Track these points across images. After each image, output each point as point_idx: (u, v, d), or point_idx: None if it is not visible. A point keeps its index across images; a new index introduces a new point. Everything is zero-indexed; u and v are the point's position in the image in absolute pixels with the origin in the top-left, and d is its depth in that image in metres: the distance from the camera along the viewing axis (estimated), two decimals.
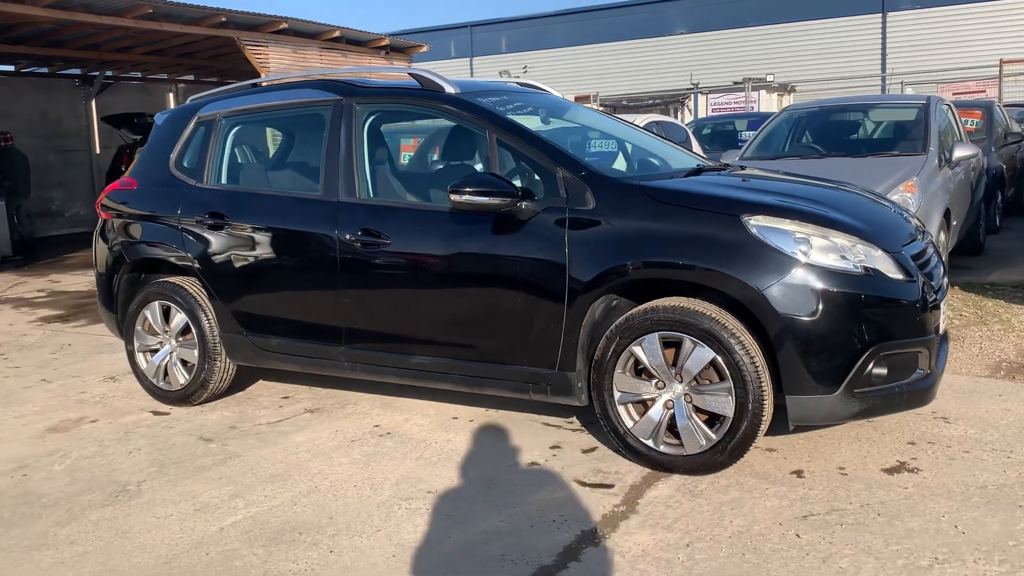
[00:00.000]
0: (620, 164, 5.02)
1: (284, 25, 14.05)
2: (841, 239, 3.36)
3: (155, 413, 4.79)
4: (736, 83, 24.74)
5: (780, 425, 3.58)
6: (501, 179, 3.71)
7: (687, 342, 3.44)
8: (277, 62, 14.40)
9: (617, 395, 3.62)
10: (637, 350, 3.54)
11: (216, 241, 4.55)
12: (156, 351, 4.90)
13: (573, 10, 36.97)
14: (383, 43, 16.25)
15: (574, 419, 4.31)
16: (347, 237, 4.12)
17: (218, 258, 4.55)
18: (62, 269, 11.46)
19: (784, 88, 25.25)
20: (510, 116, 4.05)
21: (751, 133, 12.41)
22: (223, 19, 13.15)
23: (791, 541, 2.97)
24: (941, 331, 3.62)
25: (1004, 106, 12.72)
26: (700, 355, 3.41)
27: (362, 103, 4.32)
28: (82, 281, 10.13)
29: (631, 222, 3.53)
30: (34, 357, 6.33)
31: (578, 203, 3.64)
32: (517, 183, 3.79)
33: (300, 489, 3.65)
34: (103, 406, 5.00)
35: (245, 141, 4.83)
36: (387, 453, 4.01)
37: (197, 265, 4.61)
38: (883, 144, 7.48)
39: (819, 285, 3.27)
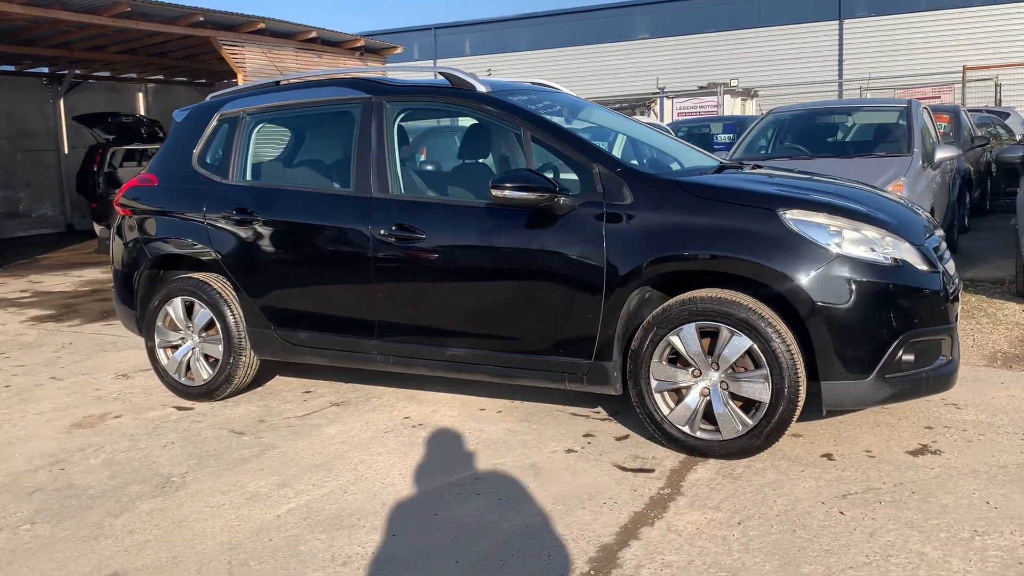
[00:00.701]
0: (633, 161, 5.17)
1: (261, 25, 14.00)
2: (871, 232, 3.54)
3: (179, 408, 4.82)
4: (701, 87, 25.11)
5: (804, 412, 3.74)
6: (539, 175, 3.83)
7: (724, 331, 3.58)
8: (253, 62, 14.34)
9: (654, 383, 3.75)
10: (675, 340, 3.68)
11: (244, 237, 4.59)
12: (177, 347, 4.92)
13: (536, 14, 37.19)
14: (358, 44, 16.26)
15: (600, 409, 4.44)
16: (381, 232, 4.20)
17: (246, 254, 4.59)
18: (39, 270, 11.32)
19: (748, 93, 25.70)
20: (543, 114, 4.17)
21: (727, 136, 12.70)
22: (200, 18, 13.08)
23: (836, 518, 3.12)
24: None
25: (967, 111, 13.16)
26: (738, 344, 3.56)
27: (392, 101, 4.40)
28: (65, 281, 10.02)
29: (669, 216, 3.67)
30: (37, 356, 6.28)
31: (615, 198, 3.77)
32: (549, 177, 3.91)
33: (346, 478, 3.72)
34: (122, 402, 5.00)
35: (271, 138, 4.89)
36: (424, 443, 4.09)
37: (224, 261, 4.65)
38: (869, 146, 7.75)
39: (853, 276, 3.44)
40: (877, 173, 6.71)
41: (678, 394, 3.77)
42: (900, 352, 3.47)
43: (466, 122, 5.22)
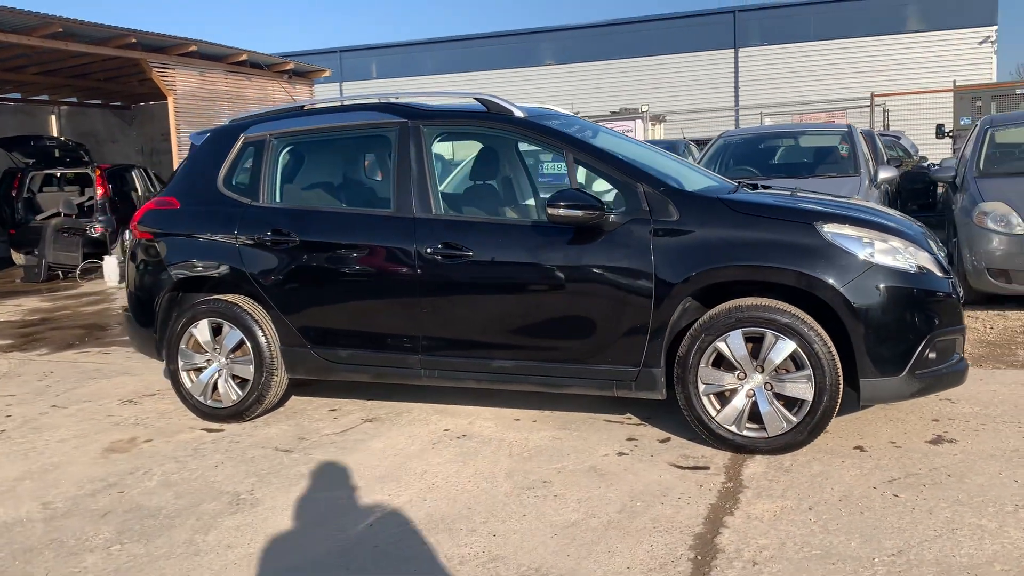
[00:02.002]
0: None
1: (193, 48, 13.84)
2: (896, 242, 3.94)
3: (208, 431, 4.82)
4: (614, 112, 25.92)
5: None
6: (589, 194, 4.09)
7: (769, 336, 3.91)
8: (184, 84, 14.15)
9: (701, 387, 4.04)
10: (721, 345, 3.99)
11: (280, 258, 4.67)
12: (202, 369, 4.93)
13: (444, 38, 37.61)
14: (287, 67, 16.23)
15: (629, 415, 4.69)
16: (427, 251, 4.36)
17: (282, 275, 4.67)
18: None
19: (657, 118, 26.68)
20: (582, 137, 4.44)
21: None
22: (132, 40, 12.85)
23: (892, 500, 3.47)
24: None
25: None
26: (783, 347, 3.89)
27: (429, 125, 4.58)
28: (12, 309, 9.65)
29: (716, 231, 3.99)
30: (23, 386, 6.11)
31: (662, 215, 4.06)
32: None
33: (418, 487, 3.85)
34: (144, 427, 4.96)
35: (302, 161, 4.97)
36: (476, 452, 4.26)
37: (257, 281, 4.71)
38: (817, 167, 8.33)
39: (886, 282, 3.83)
40: (834, 192, 7.23)
41: (723, 396, 4.07)
42: (927, 351, 3.87)
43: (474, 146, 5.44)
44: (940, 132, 17.92)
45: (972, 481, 3.62)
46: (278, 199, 4.84)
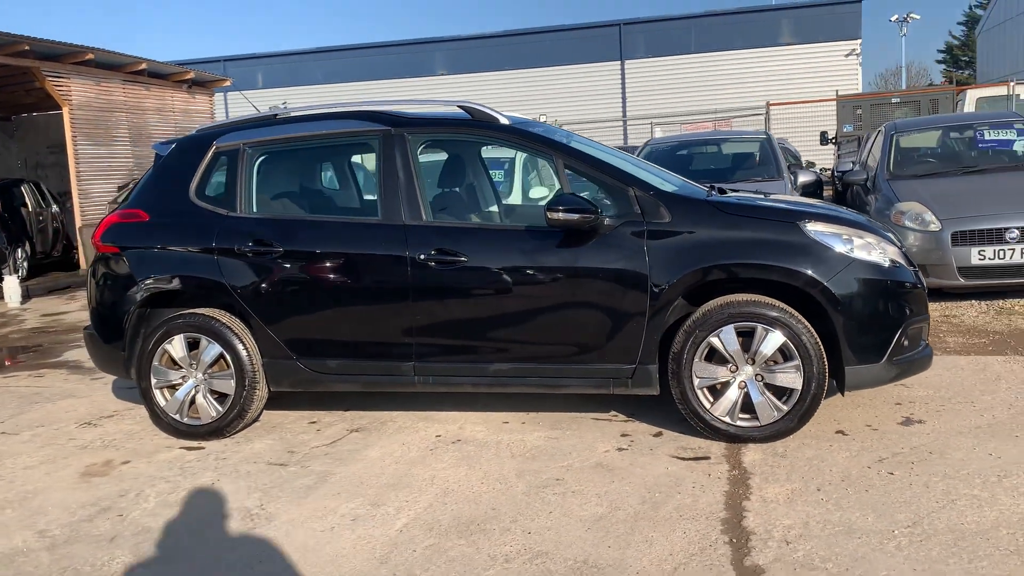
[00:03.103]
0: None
1: (90, 56, 13.32)
2: (870, 238, 4.23)
3: (188, 449, 4.68)
4: None
5: None
6: (583, 199, 4.21)
7: (760, 330, 4.13)
8: (80, 94, 13.59)
9: (696, 381, 4.22)
10: (715, 340, 4.18)
11: (263, 269, 4.59)
12: (178, 386, 4.78)
13: (334, 47, 37.20)
14: (187, 76, 15.77)
15: (614, 412, 4.83)
16: (421, 257, 4.39)
17: (266, 286, 4.59)
18: None
19: None
20: (571, 143, 4.56)
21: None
22: (25, 47, 12.27)
23: (889, 478, 3.72)
24: None
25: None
26: (774, 340, 4.11)
27: (414, 133, 4.61)
28: None
29: (707, 232, 4.18)
30: None
31: (654, 217, 4.22)
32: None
33: (434, 492, 3.87)
34: (116, 449, 4.77)
35: (280, 170, 4.90)
36: (477, 456, 4.31)
37: (238, 293, 4.61)
38: (742, 172, 8.74)
39: (866, 276, 4.11)
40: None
41: (715, 389, 4.26)
42: (903, 338, 4.16)
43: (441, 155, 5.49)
44: (823, 139, 19.00)
45: (952, 456, 3.92)
46: (257, 209, 4.76)
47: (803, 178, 8.53)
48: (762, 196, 4.84)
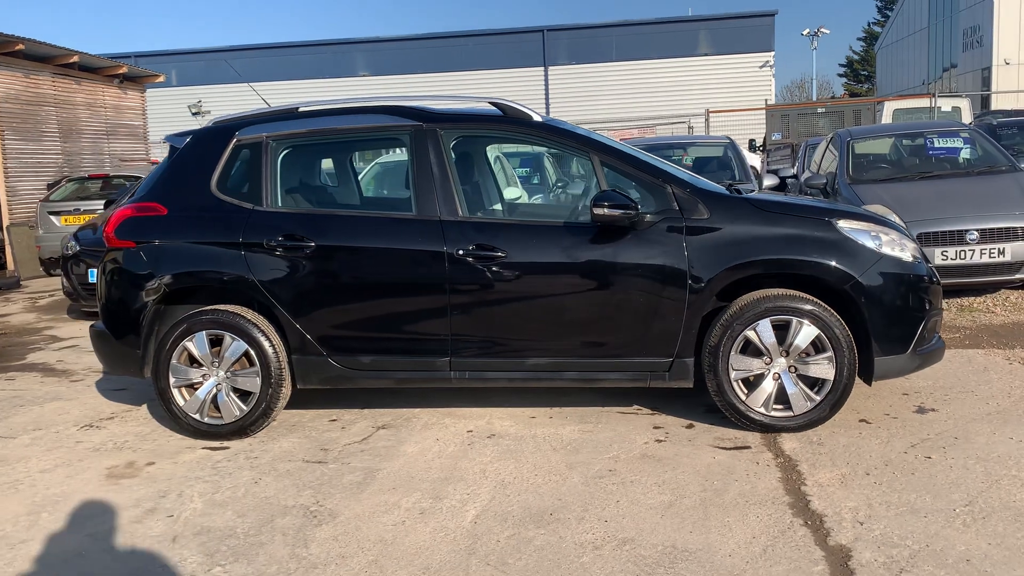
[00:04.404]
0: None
1: (20, 47, 12.69)
2: (894, 235, 4.45)
3: (213, 449, 4.56)
4: None
5: None
6: (624, 195, 4.29)
7: (795, 323, 4.28)
8: (6, 87, 12.98)
9: (732, 374, 4.35)
10: (751, 334, 4.32)
11: (293, 264, 4.50)
12: (198, 385, 4.64)
13: (251, 46, 36.45)
14: (120, 71, 15.22)
15: (637, 406, 4.92)
16: (459, 253, 4.39)
17: (298, 281, 4.51)
18: None
19: None
20: (607, 141, 4.63)
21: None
22: None
23: (927, 461, 3.92)
24: None
25: None
26: (808, 332, 4.27)
27: (447, 128, 4.61)
28: None
29: (745, 228, 4.31)
30: None
31: (693, 213, 4.34)
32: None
33: (490, 484, 3.88)
34: (134, 450, 4.61)
35: (307, 164, 4.81)
36: (518, 449, 4.33)
37: (266, 289, 4.52)
38: (710, 175, 8.95)
39: (894, 270, 4.31)
40: None
41: (748, 381, 4.40)
42: (924, 330, 4.39)
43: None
44: (752, 147, 19.66)
45: (977, 441, 4.16)
46: (284, 203, 4.66)
47: (768, 182, 8.84)
48: (783, 195, 5.02)
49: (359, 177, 5.50)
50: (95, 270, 8.43)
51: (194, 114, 28.30)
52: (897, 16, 47.21)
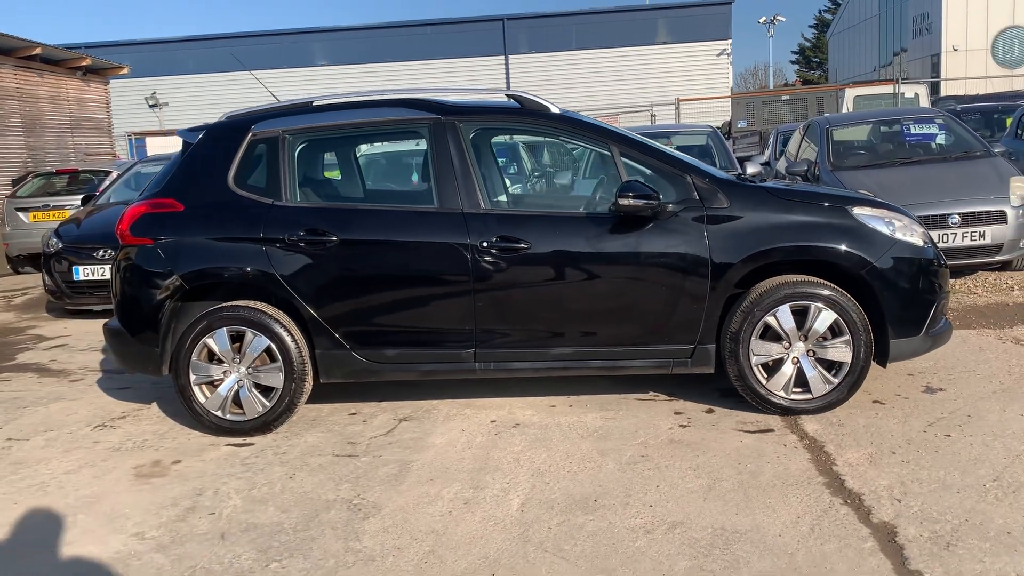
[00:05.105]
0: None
1: None
2: (904, 220, 4.58)
3: (238, 445, 4.54)
4: None
5: None
6: (647, 186, 4.36)
7: (814, 308, 4.39)
8: None
9: (753, 359, 4.46)
10: (771, 319, 4.42)
11: (317, 259, 4.50)
12: (219, 381, 4.62)
13: (207, 36, 35.81)
14: (83, 63, 14.89)
15: (654, 393, 5.01)
16: (483, 245, 4.42)
17: (321, 275, 4.50)
18: None
19: None
20: (626, 132, 4.69)
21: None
22: None
23: (948, 439, 4.06)
24: None
25: None
26: (826, 317, 4.39)
27: (466, 121, 4.63)
28: None
29: (764, 216, 4.41)
30: None
31: (713, 203, 4.42)
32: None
33: (527, 473, 3.94)
34: (156, 449, 4.57)
35: (325, 158, 4.79)
36: (546, 438, 4.39)
37: (289, 284, 4.50)
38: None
39: (907, 255, 4.44)
40: None
41: (767, 366, 4.50)
42: (936, 312, 4.53)
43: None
44: None
45: (989, 419, 4.31)
46: (304, 197, 4.65)
47: (752, 168, 8.96)
48: (797, 184, 5.13)
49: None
50: (79, 267, 8.31)
51: (151, 106, 27.78)
52: (848, 3, 48.02)
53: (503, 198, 4.88)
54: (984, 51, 34.11)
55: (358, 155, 5.01)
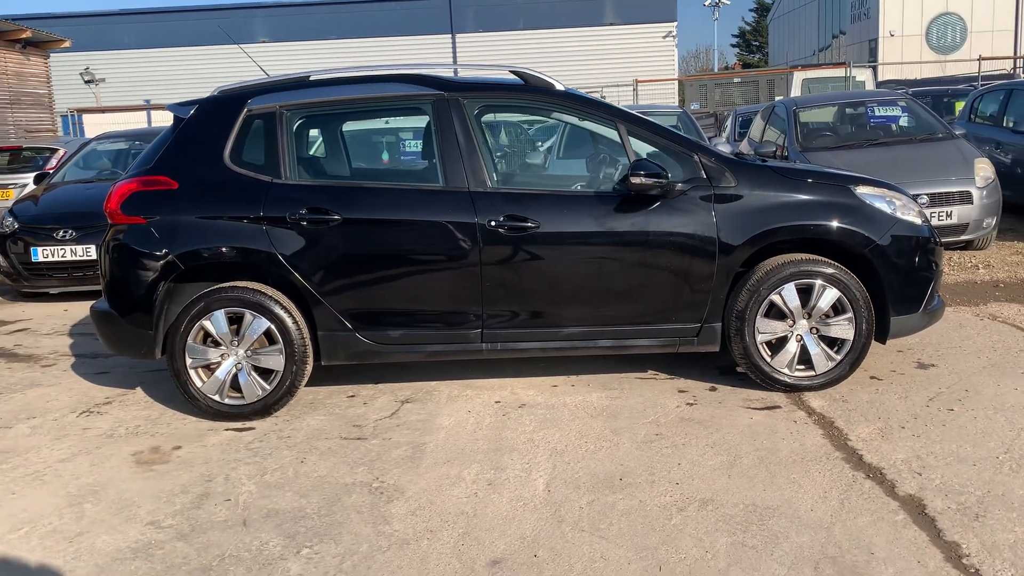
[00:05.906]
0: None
1: None
2: (905, 199, 4.66)
3: (238, 430, 4.42)
4: None
5: None
6: (656, 164, 4.35)
7: (818, 286, 4.45)
8: None
9: (759, 337, 4.50)
10: (776, 298, 4.46)
11: (319, 238, 4.38)
12: (215, 365, 4.48)
13: (144, 9, 34.76)
14: (23, 35, 14.28)
15: (653, 371, 5.03)
16: (491, 224, 4.36)
17: (324, 255, 4.39)
18: None
19: None
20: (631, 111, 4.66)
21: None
22: None
23: (951, 413, 4.16)
24: None
25: None
26: (830, 295, 4.45)
27: (470, 98, 4.55)
28: None
29: (770, 195, 4.44)
30: None
31: (721, 182, 4.43)
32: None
33: (544, 453, 3.92)
34: (150, 435, 4.42)
35: (324, 135, 4.66)
36: (556, 418, 4.37)
37: (291, 264, 4.38)
38: None
39: (907, 234, 4.52)
40: None
41: (771, 344, 4.55)
42: (933, 289, 4.63)
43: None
44: None
45: (986, 392, 4.43)
46: (304, 175, 4.52)
47: (723, 149, 9.04)
48: (796, 163, 5.17)
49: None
50: (38, 248, 8.00)
51: (87, 82, 26.82)
52: None
53: (509, 176, 4.81)
54: (919, 37, 34.96)
55: (359, 131, 4.88)
